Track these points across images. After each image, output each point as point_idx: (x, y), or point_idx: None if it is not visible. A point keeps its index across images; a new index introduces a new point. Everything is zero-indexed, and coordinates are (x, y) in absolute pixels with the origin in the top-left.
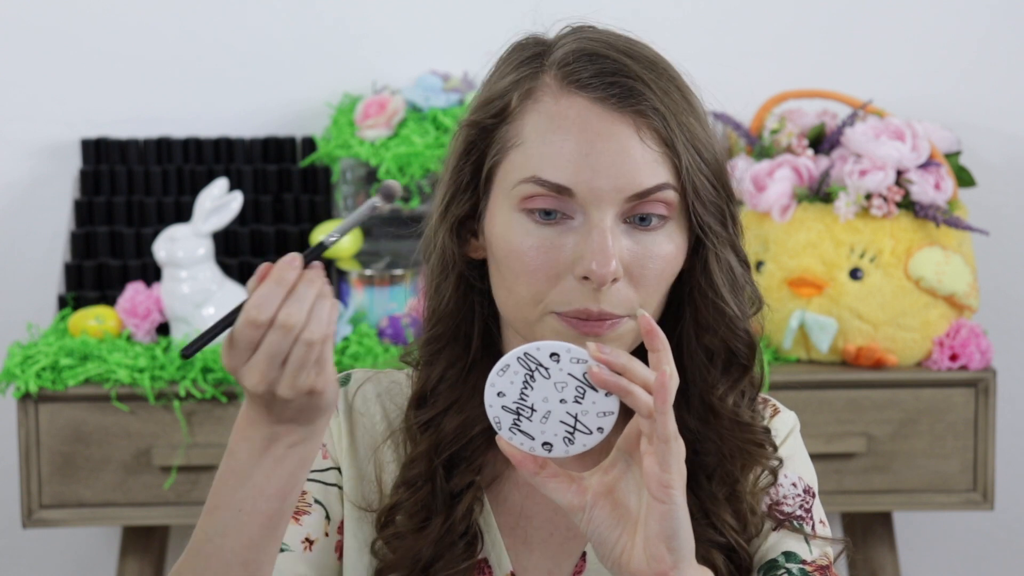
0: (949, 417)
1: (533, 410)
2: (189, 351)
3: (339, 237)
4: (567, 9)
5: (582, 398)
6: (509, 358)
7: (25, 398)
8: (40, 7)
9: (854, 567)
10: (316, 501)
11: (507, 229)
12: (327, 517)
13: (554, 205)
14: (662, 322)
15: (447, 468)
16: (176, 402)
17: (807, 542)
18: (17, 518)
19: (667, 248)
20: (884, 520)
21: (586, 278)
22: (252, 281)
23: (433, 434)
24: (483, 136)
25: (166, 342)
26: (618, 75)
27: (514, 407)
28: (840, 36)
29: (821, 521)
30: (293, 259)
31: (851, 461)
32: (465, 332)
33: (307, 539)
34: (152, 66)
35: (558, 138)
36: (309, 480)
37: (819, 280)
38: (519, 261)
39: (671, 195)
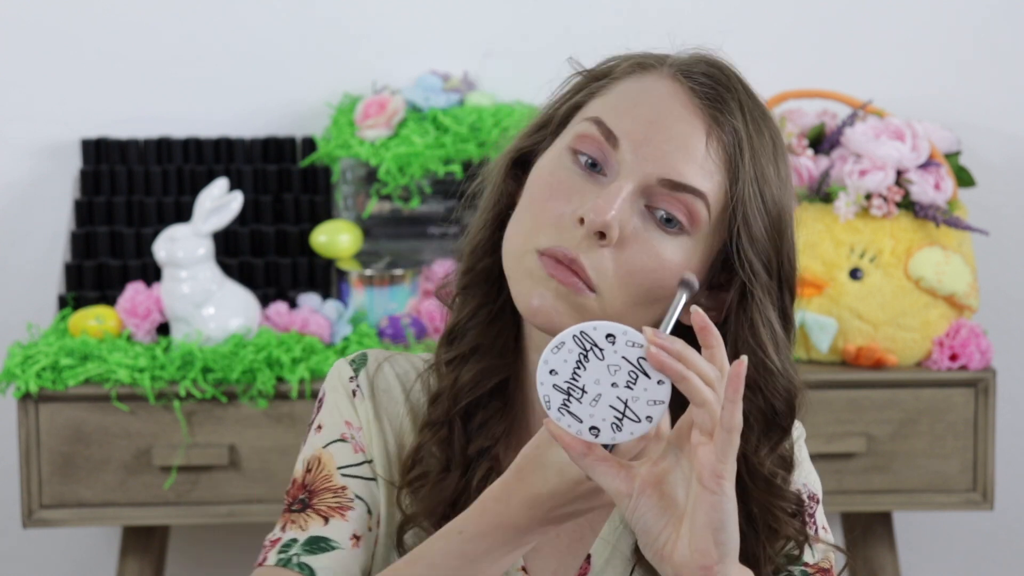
0: (949, 417)
1: (584, 391)
2: None
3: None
4: (569, 13)
5: (634, 383)
6: (565, 336)
7: (25, 398)
8: (40, 7)
9: (854, 567)
10: (357, 496)
11: (550, 160)
12: (368, 511)
13: (598, 153)
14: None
15: (464, 421)
16: (176, 402)
17: (810, 546)
18: (17, 518)
19: (671, 255)
20: (884, 520)
21: (581, 221)
22: None
23: (455, 373)
24: (584, 83)
25: (166, 342)
26: (721, 87)
27: (565, 387)
28: (840, 36)
29: (824, 527)
30: None
31: (851, 461)
32: (499, 274)
33: (355, 535)
34: (152, 66)
35: (638, 100)
36: (346, 476)
37: (819, 280)
38: (543, 189)
39: (700, 207)
